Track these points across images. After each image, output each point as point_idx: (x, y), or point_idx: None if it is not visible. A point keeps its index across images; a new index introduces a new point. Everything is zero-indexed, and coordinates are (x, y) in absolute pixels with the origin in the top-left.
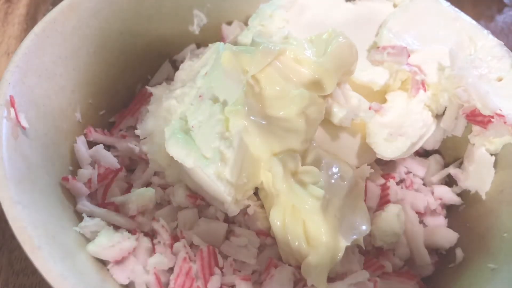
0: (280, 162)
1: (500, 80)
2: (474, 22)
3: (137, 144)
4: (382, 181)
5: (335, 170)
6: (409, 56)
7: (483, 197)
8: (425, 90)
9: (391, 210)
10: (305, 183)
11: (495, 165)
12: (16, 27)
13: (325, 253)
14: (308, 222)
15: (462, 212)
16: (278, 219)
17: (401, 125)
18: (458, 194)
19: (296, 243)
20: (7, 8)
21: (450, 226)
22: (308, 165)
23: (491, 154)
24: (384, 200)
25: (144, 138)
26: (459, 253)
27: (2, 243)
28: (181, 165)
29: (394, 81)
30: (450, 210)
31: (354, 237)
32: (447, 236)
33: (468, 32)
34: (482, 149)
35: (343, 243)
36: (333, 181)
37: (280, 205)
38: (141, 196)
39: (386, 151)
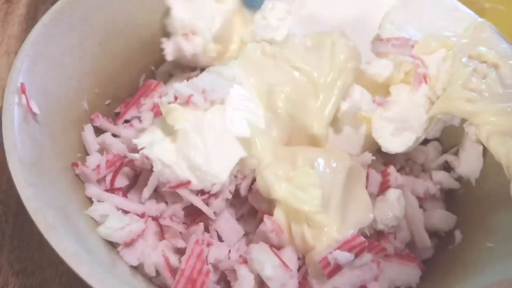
0: (271, 172)
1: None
2: (471, 12)
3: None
4: (382, 168)
5: (329, 164)
6: (412, 47)
7: (473, 183)
8: (426, 83)
9: (392, 194)
10: (303, 185)
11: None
12: (16, 27)
13: (331, 246)
14: (311, 222)
15: (461, 195)
16: (281, 220)
17: (406, 119)
18: (456, 179)
19: (301, 241)
20: (7, 8)
21: (449, 209)
22: (301, 167)
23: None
24: (384, 186)
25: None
26: (457, 234)
27: (2, 243)
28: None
29: (398, 73)
30: (448, 194)
31: (359, 227)
32: (446, 219)
33: (466, 22)
34: (473, 137)
35: (349, 234)
36: (328, 176)
37: (282, 206)
38: None
39: (393, 146)
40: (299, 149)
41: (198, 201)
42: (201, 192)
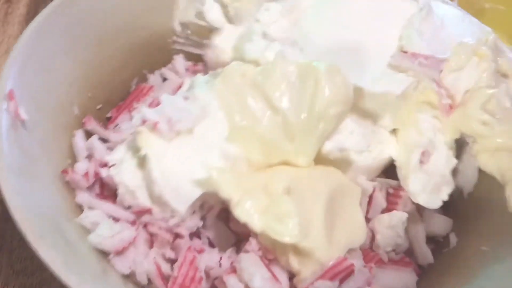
0: (242, 210)
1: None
2: (478, 21)
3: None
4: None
5: (307, 186)
6: (441, 71)
7: (465, 196)
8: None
9: (397, 218)
10: (278, 216)
11: None
12: (16, 27)
13: (315, 273)
14: (296, 249)
15: (454, 198)
16: (268, 244)
17: (441, 171)
18: None
19: (287, 266)
20: (7, 8)
21: (444, 212)
22: (275, 195)
23: None
24: (390, 208)
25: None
26: (452, 237)
27: (2, 243)
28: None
29: (414, 91)
30: None
31: (348, 248)
32: (444, 224)
33: (478, 29)
34: (472, 151)
35: (336, 254)
36: (307, 199)
37: (263, 236)
38: None
39: (434, 204)
40: (272, 174)
41: (160, 231)
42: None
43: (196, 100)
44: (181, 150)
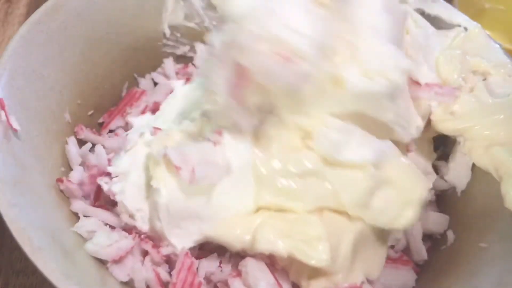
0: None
1: None
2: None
3: (107, 182)
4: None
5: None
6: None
7: (458, 194)
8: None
9: None
10: (307, 238)
11: None
12: (16, 27)
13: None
14: (314, 269)
15: (451, 195)
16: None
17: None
18: None
19: (298, 278)
20: (7, 8)
21: (440, 209)
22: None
23: None
24: None
25: (116, 176)
26: (450, 235)
27: (2, 243)
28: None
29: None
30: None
31: (364, 277)
32: (440, 221)
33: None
34: (464, 149)
35: (352, 280)
36: (338, 228)
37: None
38: None
39: None
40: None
41: (152, 250)
42: None
43: (225, 147)
44: (195, 199)
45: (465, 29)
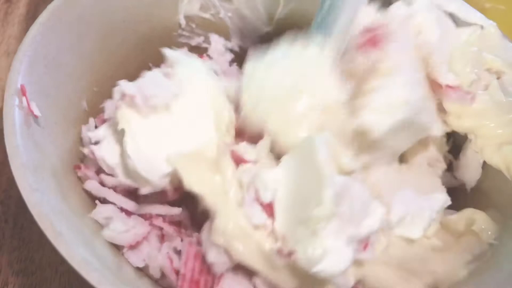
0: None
1: None
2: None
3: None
4: None
5: None
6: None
7: (468, 191)
8: None
9: None
10: None
11: None
12: (16, 27)
13: None
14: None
15: (458, 189)
16: None
17: None
18: None
19: None
20: (7, 8)
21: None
22: None
23: None
24: None
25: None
26: None
27: (2, 243)
28: None
29: None
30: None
31: None
32: None
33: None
34: (476, 146)
35: None
36: None
37: None
38: None
39: None
40: None
41: (163, 224)
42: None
43: (175, 76)
44: (157, 126)
45: (481, 27)
